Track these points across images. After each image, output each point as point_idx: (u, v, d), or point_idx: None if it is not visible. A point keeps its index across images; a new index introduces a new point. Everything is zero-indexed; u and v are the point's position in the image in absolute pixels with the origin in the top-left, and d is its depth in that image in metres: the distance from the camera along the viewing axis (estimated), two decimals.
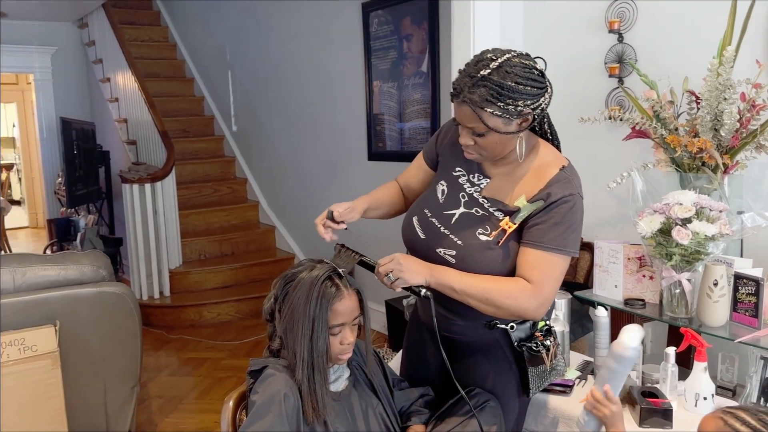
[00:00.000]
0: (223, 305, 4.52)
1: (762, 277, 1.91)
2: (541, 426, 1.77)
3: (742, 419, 1.14)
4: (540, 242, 1.43)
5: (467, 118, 1.39)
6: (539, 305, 1.43)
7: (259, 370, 1.38)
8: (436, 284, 1.44)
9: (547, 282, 1.43)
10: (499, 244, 1.46)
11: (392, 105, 3.90)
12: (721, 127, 2.05)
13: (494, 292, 1.42)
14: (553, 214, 1.44)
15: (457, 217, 1.53)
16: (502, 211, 1.50)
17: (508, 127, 1.39)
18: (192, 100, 6.21)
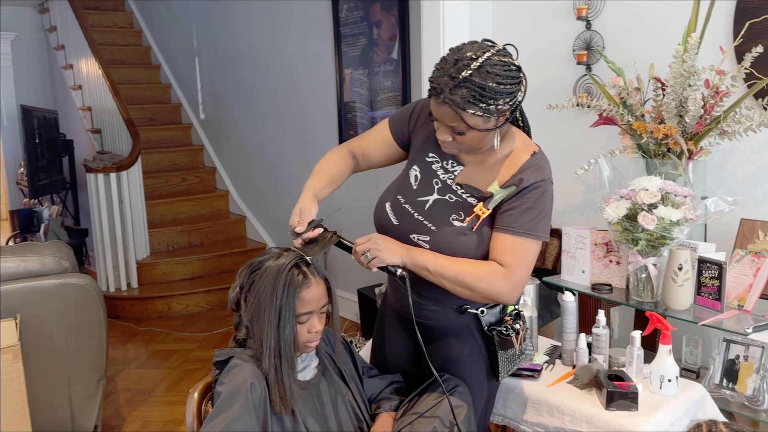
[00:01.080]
0: (193, 296, 4.46)
1: (724, 261, 1.94)
2: (510, 410, 1.79)
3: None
4: (512, 227, 1.45)
5: (448, 118, 1.40)
6: (512, 289, 1.45)
7: (225, 361, 1.36)
8: (412, 265, 1.45)
9: (520, 266, 1.44)
10: (473, 230, 1.48)
11: (363, 92, 3.87)
12: (686, 113, 2.08)
13: (468, 275, 1.43)
14: (526, 200, 1.45)
15: (430, 204, 1.54)
16: (476, 197, 1.51)
17: (487, 125, 1.40)
18: (158, 87, 6.09)
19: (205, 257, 4.74)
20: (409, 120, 1.65)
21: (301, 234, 1.46)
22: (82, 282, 2.45)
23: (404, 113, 1.67)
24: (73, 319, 2.43)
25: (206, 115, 5.64)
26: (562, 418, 1.66)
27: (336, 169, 1.67)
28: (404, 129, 1.66)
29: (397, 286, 1.66)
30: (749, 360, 2.04)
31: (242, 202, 5.30)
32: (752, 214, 2.18)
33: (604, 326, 1.80)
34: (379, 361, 1.76)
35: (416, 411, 1.52)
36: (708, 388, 2.01)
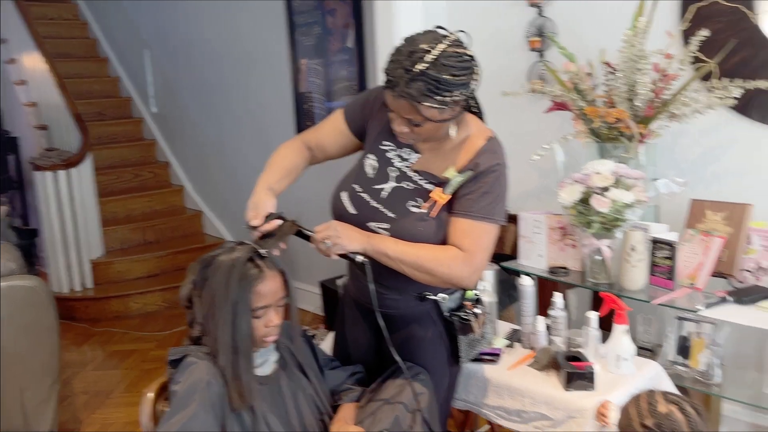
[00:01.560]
0: (150, 295, 4.35)
1: (676, 240, 1.99)
2: (472, 395, 1.80)
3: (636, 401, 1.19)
4: (470, 211, 1.47)
5: (404, 111, 1.40)
6: (472, 273, 1.46)
7: (180, 359, 1.32)
8: (372, 251, 1.45)
9: (479, 250, 1.46)
10: (431, 216, 1.49)
11: (319, 83, 3.83)
12: (636, 97, 2.12)
13: (428, 260, 1.44)
14: (482, 184, 1.47)
15: (388, 192, 1.54)
16: (433, 183, 1.52)
17: (443, 115, 1.41)
18: (107, 80, 5.90)
19: (161, 254, 4.63)
20: (363, 109, 1.64)
21: (257, 227, 1.43)
22: (30, 284, 2.37)
23: (358, 102, 1.66)
24: (21, 322, 2.35)
25: (158, 109, 5.50)
26: (522, 400, 1.68)
27: (290, 161, 1.64)
28: (359, 118, 1.65)
29: (357, 277, 1.65)
30: (701, 336, 2.10)
31: (198, 197, 5.19)
32: (702, 195, 2.24)
33: (561, 308, 1.82)
34: (342, 352, 1.75)
35: (378, 399, 1.52)
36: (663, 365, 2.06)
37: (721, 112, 2.23)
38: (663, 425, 1.13)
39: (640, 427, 1.14)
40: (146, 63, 5.47)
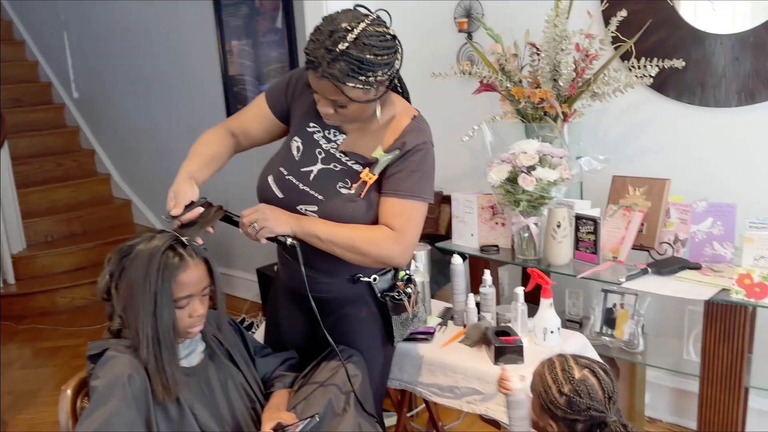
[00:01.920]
0: (78, 289, 4.18)
1: (599, 216, 2.06)
2: (406, 374, 1.82)
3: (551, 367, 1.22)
4: (399, 191, 1.48)
5: (328, 92, 1.38)
6: (403, 251, 1.47)
7: (100, 354, 1.27)
8: (302, 234, 1.44)
9: (409, 228, 1.47)
10: (361, 197, 1.48)
11: (250, 65, 3.74)
12: (560, 77, 2.16)
13: (359, 240, 1.44)
14: (410, 163, 1.48)
15: (315, 174, 1.52)
16: (361, 164, 1.51)
17: (368, 96, 1.40)
18: (24, 65, 5.57)
19: (89, 246, 4.45)
20: (286, 92, 1.61)
21: (177, 216, 1.38)
22: None
23: (280, 85, 1.62)
24: None
25: (80, 94, 5.24)
26: (454, 376, 1.71)
27: (212, 149, 1.60)
28: (282, 102, 1.62)
29: (288, 262, 1.63)
30: (625, 307, 2.19)
31: (126, 185, 5.00)
32: (623, 171, 2.32)
33: (491, 285, 1.86)
34: (275, 340, 1.73)
35: (312, 383, 1.51)
36: (589, 336, 2.14)
37: (640, 91, 2.31)
38: (580, 390, 1.17)
39: (559, 394, 1.18)
40: (66, 45, 5.20)
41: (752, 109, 2.14)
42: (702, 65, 2.19)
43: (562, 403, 1.17)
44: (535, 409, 1.26)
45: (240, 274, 4.17)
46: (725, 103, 2.18)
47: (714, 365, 1.85)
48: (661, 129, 2.35)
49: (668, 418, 2.52)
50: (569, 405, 1.17)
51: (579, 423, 1.17)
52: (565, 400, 1.17)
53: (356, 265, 1.54)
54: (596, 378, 1.19)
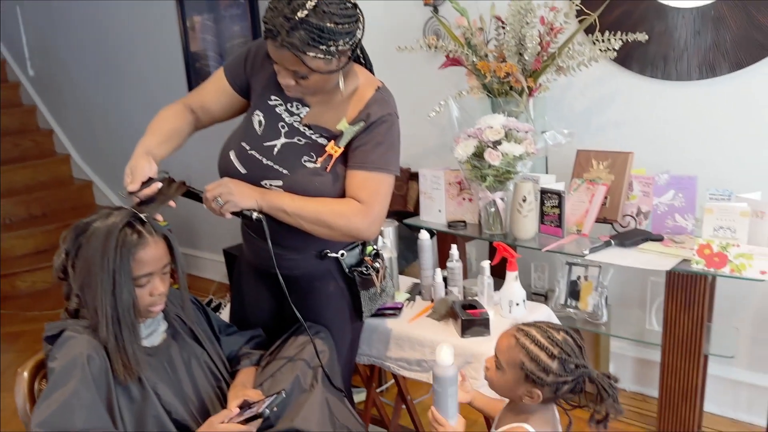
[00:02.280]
0: (39, 272, 4.07)
1: (564, 190, 2.08)
2: (375, 349, 1.82)
3: (531, 337, 1.21)
4: (365, 163, 1.46)
5: (289, 62, 1.35)
6: (370, 224, 1.46)
7: (57, 335, 1.24)
8: (268, 207, 1.42)
9: (376, 201, 1.46)
10: (327, 170, 1.47)
11: (211, 39, 3.65)
12: (525, 51, 2.16)
13: (326, 213, 1.43)
14: (375, 134, 1.47)
15: (279, 148, 1.50)
16: (326, 137, 1.49)
17: (330, 66, 1.37)
18: None
19: (50, 228, 4.33)
20: (245, 65, 1.57)
21: (134, 193, 1.34)
22: None
23: (239, 58, 1.58)
24: None
25: (36, 72, 5.06)
26: (422, 350, 1.72)
27: (170, 125, 1.55)
28: (241, 75, 1.58)
29: (252, 239, 1.60)
30: (589, 279, 2.22)
31: (87, 166, 4.86)
32: (587, 145, 2.34)
33: (458, 260, 1.86)
34: (240, 319, 1.71)
35: (279, 360, 1.50)
36: (555, 308, 2.17)
37: (604, 65, 2.32)
38: (569, 351, 1.19)
39: (550, 359, 1.18)
40: (19, 21, 4.99)
41: (713, 82, 2.17)
42: (665, 39, 2.21)
43: (555, 368, 1.17)
44: (508, 383, 1.23)
45: (206, 255, 4.12)
46: (687, 77, 2.20)
47: (675, 334, 1.89)
48: (625, 103, 2.37)
49: (631, 386, 2.58)
50: (562, 367, 1.17)
51: (566, 384, 1.18)
52: (557, 363, 1.17)
53: (323, 241, 1.53)
54: (571, 337, 1.21)
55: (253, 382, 1.47)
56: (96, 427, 1.14)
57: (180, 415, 1.30)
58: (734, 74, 2.12)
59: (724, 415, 2.39)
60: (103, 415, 1.17)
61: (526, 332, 1.22)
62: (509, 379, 1.22)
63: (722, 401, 2.38)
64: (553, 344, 1.19)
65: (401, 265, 2.49)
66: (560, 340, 1.20)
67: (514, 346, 1.21)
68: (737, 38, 2.08)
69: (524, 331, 1.22)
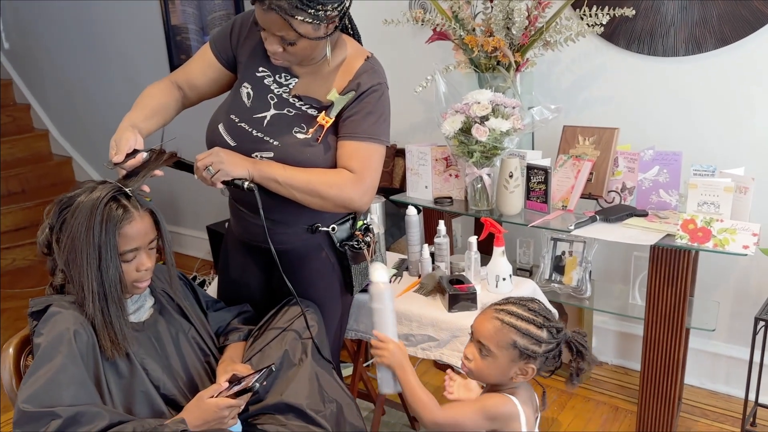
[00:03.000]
0: (19, 249, 4.02)
1: (550, 166, 2.08)
2: (362, 324, 1.82)
3: (514, 313, 1.19)
4: (355, 133, 1.46)
5: (276, 26, 1.33)
6: (363, 193, 1.46)
7: (43, 310, 1.22)
8: (260, 177, 1.40)
9: (368, 170, 1.46)
10: (318, 141, 1.46)
11: (192, 12, 3.57)
12: (513, 25, 2.14)
13: (318, 183, 1.42)
14: (365, 104, 1.46)
15: (269, 119, 1.48)
16: (316, 108, 1.48)
17: (318, 32, 1.36)
18: None
19: (29, 205, 4.26)
20: (231, 37, 1.55)
21: (120, 164, 1.32)
22: None
23: (224, 31, 1.57)
24: None
25: (11, 45, 4.93)
26: (410, 324, 1.73)
27: (157, 101, 1.53)
28: (227, 47, 1.56)
29: (241, 214, 1.59)
30: (573, 255, 2.24)
31: (66, 141, 4.78)
32: (574, 121, 2.34)
33: (445, 236, 1.87)
34: (228, 295, 1.71)
35: (266, 337, 1.50)
36: (539, 283, 2.19)
37: (591, 40, 2.31)
38: (547, 317, 1.20)
39: (539, 329, 1.18)
40: None
41: (699, 58, 2.18)
42: (651, 14, 2.20)
43: (545, 337, 1.17)
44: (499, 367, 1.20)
45: (190, 232, 4.08)
46: (673, 53, 2.21)
47: (658, 308, 1.92)
48: (611, 78, 2.37)
49: (614, 360, 2.63)
50: (550, 334, 1.18)
51: (552, 351, 1.19)
52: (546, 332, 1.18)
53: (314, 215, 1.52)
54: (539, 303, 1.24)
55: (242, 356, 1.47)
56: (84, 402, 1.14)
57: (168, 390, 1.29)
58: (720, 50, 2.13)
59: (703, 386, 2.44)
60: (91, 390, 1.16)
61: (507, 310, 1.20)
62: (501, 362, 1.19)
63: (702, 373, 2.43)
64: (536, 314, 1.20)
65: (388, 241, 2.49)
66: (538, 309, 1.21)
67: (501, 327, 1.18)
68: (724, 14, 2.09)
69: (505, 310, 1.20)
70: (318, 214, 1.53)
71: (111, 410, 1.18)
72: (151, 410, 1.26)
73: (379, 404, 2.05)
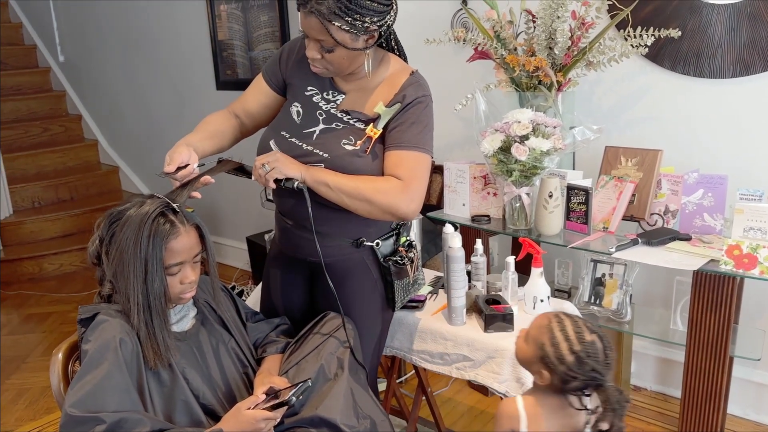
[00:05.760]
0: (66, 255, 4.15)
1: (591, 186, 2.06)
2: (397, 341, 1.83)
3: (563, 326, 1.24)
4: (401, 143, 1.49)
5: (315, 31, 1.39)
6: (410, 201, 1.47)
7: (91, 318, 1.27)
8: (312, 180, 1.44)
9: (414, 177, 1.48)
10: (366, 152, 1.49)
11: (239, 29, 3.67)
12: (555, 45, 2.14)
13: (366, 189, 1.45)
14: (410, 115, 1.49)
15: (318, 133, 1.53)
16: (363, 121, 1.52)
17: (356, 43, 1.41)
18: (7, 26, 5.43)
19: (77, 212, 4.41)
20: (280, 62, 1.64)
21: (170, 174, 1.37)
22: None
23: (274, 59, 1.66)
24: None
25: (66, 58, 5.14)
26: (445, 343, 1.72)
27: (213, 126, 1.62)
28: (277, 73, 1.64)
29: (287, 227, 1.61)
30: (614, 277, 2.21)
31: (114, 151, 4.94)
32: (616, 142, 2.32)
33: (482, 254, 1.86)
34: (270, 308, 1.74)
35: (303, 350, 1.52)
36: (578, 305, 2.16)
37: (635, 61, 2.29)
38: (590, 353, 1.21)
39: (569, 352, 1.21)
40: (51, 7, 5.07)
41: (746, 80, 2.13)
42: (698, 35, 2.17)
43: (570, 362, 1.20)
44: (527, 356, 1.29)
45: (230, 243, 4.16)
46: (720, 74, 2.17)
47: (700, 335, 1.88)
48: (655, 99, 2.34)
49: (653, 386, 2.57)
50: (577, 364, 1.20)
51: (575, 381, 1.21)
52: (574, 359, 1.20)
53: (359, 229, 1.55)
54: (602, 343, 1.23)
55: (279, 369, 1.49)
56: (127, 409, 1.17)
57: (207, 399, 1.32)
58: None
59: (747, 417, 2.36)
60: (134, 398, 1.20)
61: (561, 320, 1.25)
62: (529, 352, 1.27)
63: (746, 403, 2.36)
64: (579, 341, 1.21)
65: (423, 258, 2.49)
66: (587, 341, 1.22)
67: (544, 326, 1.25)
68: None
69: (559, 318, 1.26)
70: (362, 229, 1.55)
71: (152, 417, 1.21)
72: (190, 419, 1.29)
73: (412, 422, 2.05)
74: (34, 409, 2.69)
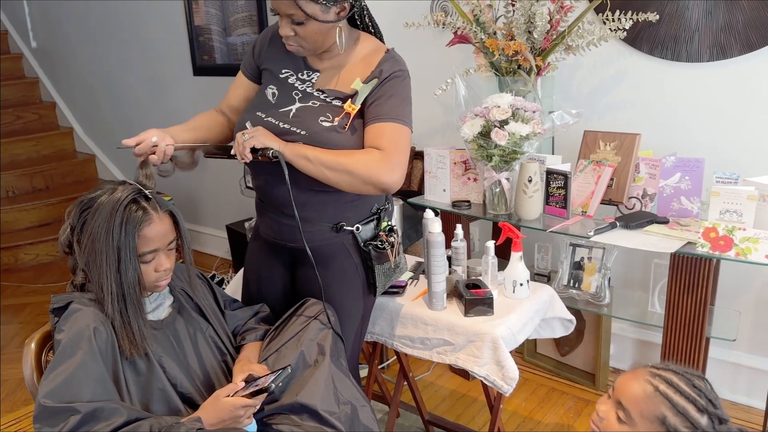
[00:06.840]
0: (42, 245, 4.09)
1: (570, 171, 2.06)
2: (378, 327, 1.83)
3: (674, 384, 1.03)
4: (380, 115, 1.48)
5: (285, 5, 1.39)
6: (391, 171, 1.46)
7: (64, 307, 1.24)
8: (291, 154, 1.43)
9: (395, 149, 1.47)
10: (345, 128, 1.48)
11: (216, 13, 3.61)
12: (534, 29, 2.13)
13: (347, 161, 1.44)
14: (387, 88, 1.49)
15: (294, 112, 1.52)
16: (340, 98, 1.51)
17: (327, 15, 1.41)
18: None
19: (53, 202, 4.34)
20: (254, 53, 1.65)
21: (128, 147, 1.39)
22: None
23: (248, 52, 1.68)
24: None
25: (39, 44, 5.02)
26: (425, 328, 1.72)
27: (198, 121, 1.65)
28: (252, 63, 1.66)
29: (267, 213, 1.60)
30: (592, 261, 2.23)
31: (90, 139, 4.85)
32: (595, 126, 2.32)
33: (462, 239, 1.86)
34: (251, 294, 1.73)
35: (283, 337, 1.51)
36: (557, 289, 2.18)
37: (613, 45, 2.29)
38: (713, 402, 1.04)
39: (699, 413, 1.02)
40: None
41: (723, 64, 2.15)
42: (675, 19, 2.18)
43: (703, 424, 1.01)
44: None
45: (210, 231, 4.12)
46: (697, 58, 2.18)
47: (678, 316, 1.90)
48: (633, 84, 2.34)
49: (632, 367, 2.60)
50: (711, 423, 1.02)
51: None
52: (707, 419, 1.01)
53: (339, 213, 1.55)
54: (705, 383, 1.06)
55: (258, 356, 1.48)
56: (103, 398, 1.15)
57: (185, 388, 1.30)
58: (745, 56, 2.10)
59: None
60: (109, 387, 1.18)
61: (666, 379, 1.03)
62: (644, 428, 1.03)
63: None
64: (701, 395, 1.02)
65: (404, 244, 2.49)
66: (704, 389, 1.03)
67: (653, 395, 1.02)
68: (750, 19, 2.05)
69: (663, 377, 1.04)
70: (342, 213, 1.55)
71: (129, 407, 1.19)
72: (168, 408, 1.27)
73: (394, 407, 2.05)
74: (11, 400, 2.66)
